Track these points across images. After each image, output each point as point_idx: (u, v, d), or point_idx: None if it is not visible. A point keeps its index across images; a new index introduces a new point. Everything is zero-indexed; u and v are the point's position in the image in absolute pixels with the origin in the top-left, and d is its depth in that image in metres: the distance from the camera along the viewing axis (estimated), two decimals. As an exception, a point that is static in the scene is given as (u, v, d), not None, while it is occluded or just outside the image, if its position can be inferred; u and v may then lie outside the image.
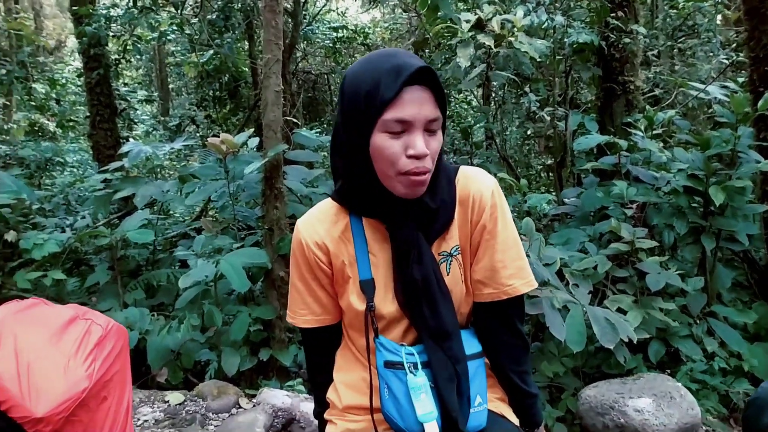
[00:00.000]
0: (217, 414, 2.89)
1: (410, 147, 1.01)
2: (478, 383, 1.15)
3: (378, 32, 10.71)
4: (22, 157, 5.75)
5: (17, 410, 1.56)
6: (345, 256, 1.16)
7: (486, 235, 1.15)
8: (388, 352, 1.13)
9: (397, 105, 1.00)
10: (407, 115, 1.00)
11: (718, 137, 3.37)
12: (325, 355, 1.29)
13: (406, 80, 0.98)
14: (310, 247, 1.17)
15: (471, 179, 1.16)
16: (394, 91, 0.99)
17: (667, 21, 5.88)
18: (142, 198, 3.99)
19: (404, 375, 1.10)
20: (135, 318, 3.46)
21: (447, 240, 1.15)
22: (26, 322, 1.75)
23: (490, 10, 3.32)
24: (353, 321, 1.19)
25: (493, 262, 1.15)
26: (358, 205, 1.14)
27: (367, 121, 1.02)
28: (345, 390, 1.22)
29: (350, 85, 1.06)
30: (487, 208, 1.13)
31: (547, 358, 3.18)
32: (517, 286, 1.15)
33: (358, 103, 1.03)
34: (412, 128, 1.01)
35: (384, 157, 1.03)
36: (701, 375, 3.05)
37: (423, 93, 1.01)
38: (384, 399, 1.12)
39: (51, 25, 13.48)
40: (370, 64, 1.05)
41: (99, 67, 6.03)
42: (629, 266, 3.24)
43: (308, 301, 1.22)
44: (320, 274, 1.19)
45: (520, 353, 1.20)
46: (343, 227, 1.17)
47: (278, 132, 3.66)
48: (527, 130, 7.16)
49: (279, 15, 3.59)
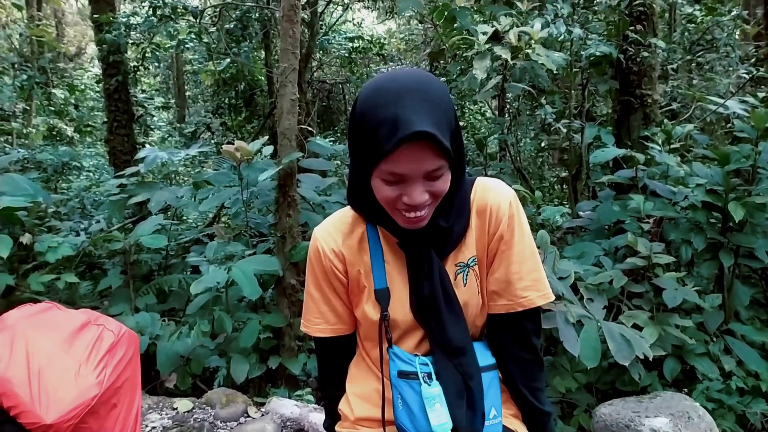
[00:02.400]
0: (225, 422, 2.88)
1: (405, 195, 0.99)
2: (492, 396, 1.14)
3: (393, 43, 10.76)
4: (39, 160, 5.82)
5: (27, 416, 1.56)
6: (361, 265, 1.15)
7: (503, 246, 1.13)
8: (401, 361, 1.11)
9: (393, 160, 0.95)
10: (402, 170, 0.96)
11: (738, 152, 3.32)
12: (338, 366, 1.28)
13: (400, 140, 0.92)
14: (327, 255, 1.16)
15: (489, 190, 1.14)
16: (388, 147, 0.93)
17: (685, 35, 5.83)
18: (156, 203, 4.01)
19: (418, 385, 1.09)
20: (146, 323, 3.47)
21: (463, 251, 1.14)
22: (38, 327, 1.75)
23: (507, 22, 3.31)
24: (368, 331, 1.18)
25: (508, 274, 1.13)
26: (371, 214, 1.14)
27: (367, 160, 1.00)
28: (357, 401, 1.21)
29: (361, 113, 1.00)
30: (505, 219, 1.11)
31: (560, 374, 3.13)
32: (532, 298, 1.12)
33: (362, 138, 1.00)
34: (408, 179, 0.98)
35: (380, 197, 1.03)
36: (717, 394, 2.98)
37: (423, 148, 0.95)
38: (398, 410, 1.10)
39: (72, 33, 13.71)
40: (378, 99, 0.97)
41: (118, 73, 6.12)
42: (645, 281, 3.18)
43: (323, 310, 1.21)
44: (336, 283, 1.18)
45: (534, 369, 1.17)
46: (359, 236, 1.16)
47: (293, 140, 3.67)
48: (541, 142, 7.12)
49: (296, 25, 3.61)
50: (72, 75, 10.27)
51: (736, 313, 3.40)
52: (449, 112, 0.99)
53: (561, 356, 3.20)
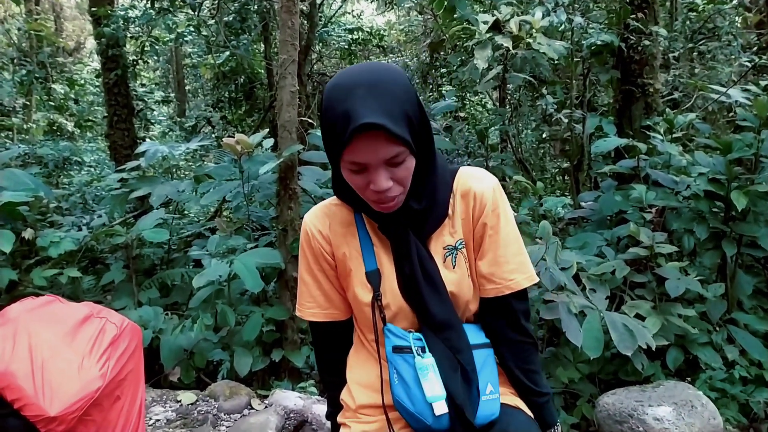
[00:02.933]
0: (229, 414, 2.89)
1: (372, 183, 1.04)
2: (488, 372, 1.16)
3: (393, 34, 10.71)
4: (40, 155, 5.82)
5: (30, 409, 1.56)
6: (347, 249, 1.20)
7: (489, 231, 1.18)
8: (396, 337, 1.15)
9: (352, 150, 1.01)
10: (361, 158, 1.02)
11: (741, 141, 3.31)
12: (335, 353, 1.31)
13: (353, 132, 0.97)
14: (315, 237, 1.22)
15: (472, 177, 1.20)
16: (345, 139, 0.99)
17: (687, 24, 5.79)
18: (157, 197, 4.01)
19: (412, 358, 1.12)
20: (149, 317, 3.48)
21: (451, 234, 1.19)
22: (41, 320, 1.75)
23: (507, 11, 3.29)
24: (361, 314, 1.21)
25: (495, 258, 1.18)
26: (351, 201, 1.19)
27: (333, 154, 1.06)
28: (358, 389, 1.23)
29: (323, 112, 1.06)
30: (489, 205, 1.17)
31: (562, 364, 3.13)
32: (518, 280, 1.18)
33: (326, 135, 1.06)
34: (370, 168, 1.03)
35: (352, 185, 1.08)
36: (720, 383, 2.99)
37: (376, 137, 0.99)
38: (393, 385, 1.13)
39: (70, 27, 13.66)
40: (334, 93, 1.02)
41: (117, 67, 6.09)
42: (648, 271, 3.18)
43: (315, 293, 1.25)
44: (325, 265, 1.23)
45: (528, 351, 1.21)
46: (347, 221, 1.21)
47: (293, 132, 3.65)
48: (543, 133, 7.10)
49: (295, 16, 3.58)
50: (71, 70, 10.24)
51: (738, 302, 3.39)
52: (404, 101, 1.02)
53: (563, 347, 3.20)
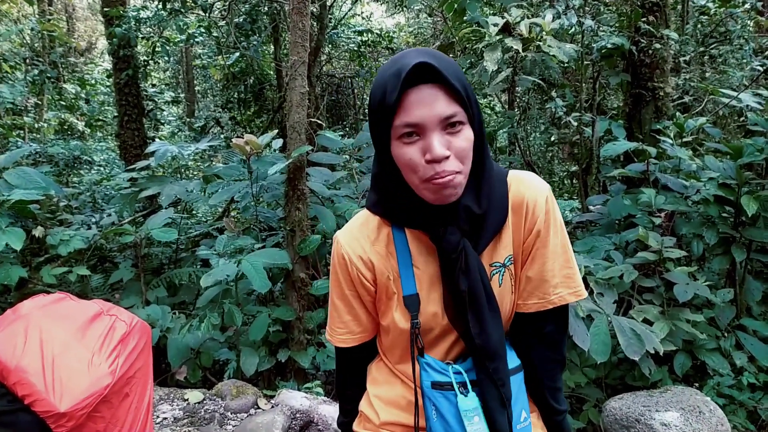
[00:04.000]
0: (235, 414, 2.90)
1: (427, 151, 0.93)
2: (522, 399, 1.10)
3: (403, 36, 10.72)
4: (51, 154, 5.87)
5: (41, 404, 1.58)
6: (390, 271, 1.09)
7: (538, 243, 1.07)
8: (435, 372, 1.06)
9: (403, 109, 0.93)
10: (415, 118, 0.92)
11: (752, 146, 3.29)
12: (359, 372, 1.25)
13: (404, 82, 0.91)
14: (354, 263, 1.10)
15: (524, 184, 1.08)
16: (395, 96, 0.91)
17: (698, 27, 5.76)
18: (166, 197, 4.03)
19: (454, 396, 1.04)
20: (156, 315, 3.50)
21: (500, 249, 1.08)
22: (52, 317, 1.77)
23: (518, 14, 3.28)
24: (396, 339, 1.13)
25: (542, 272, 1.07)
26: (398, 215, 1.07)
27: (383, 130, 0.97)
28: (382, 406, 1.17)
29: (372, 93, 1.00)
30: (542, 215, 1.06)
31: (569, 368, 3.12)
32: (563, 295, 1.07)
33: (375, 113, 0.98)
34: (425, 131, 0.93)
35: (404, 165, 0.97)
36: (728, 390, 2.97)
37: (431, 90, 0.92)
38: (432, 421, 1.06)
39: (82, 27, 13.78)
40: (381, 70, 0.98)
41: (128, 68, 6.14)
42: (656, 276, 3.17)
43: (346, 319, 1.16)
44: (362, 291, 1.13)
45: (556, 369, 1.14)
46: (386, 240, 1.10)
47: (302, 133, 3.67)
48: (551, 136, 7.08)
49: (306, 18, 3.60)
50: (83, 69, 10.33)
51: (747, 308, 3.37)
52: (458, 70, 0.97)
53: (570, 351, 3.19)
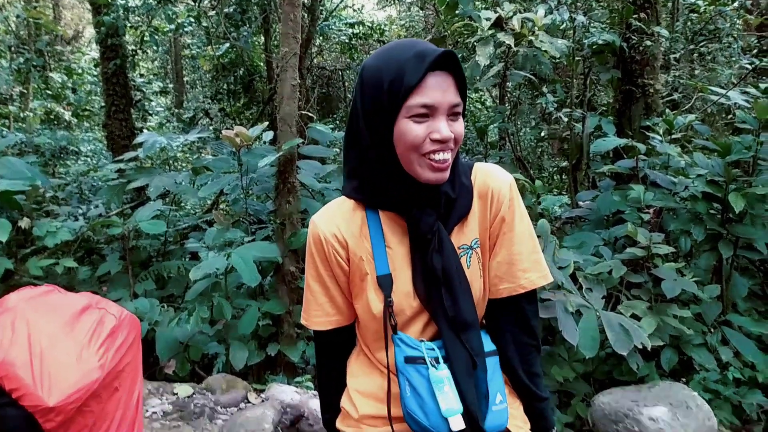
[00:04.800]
0: (225, 408, 2.89)
1: (434, 131, 1.02)
2: (497, 381, 1.13)
3: (394, 29, 10.68)
4: (37, 144, 5.79)
5: (29, 399, 1.56)
6: (363, 252, 1.13)
7: (504, 228, 1.15)
8: (407, 347, 1.10)
9: (422, 90, 1.00)
10: (431, 100, 1.01)
11: (739, 143, 3.32)
12: (338, 359, 1.26)
13: (430, 65, 0.99)
14: (329, 241, 1.14)
15: (489, 174, 1.16)
16: (418, 76, 0.99)
17: (688, 25, 5.80)
18: (155, 189, 3.99)
19: (426, 369, 1.07)
20: (145, 308, 3.47)
21: (466, 233, 1.14)
22: (40, 310, 1.74)
23: (510, 9, 3.28)
24: (369, 321, 1.15)
25: (510, 255, 1.14)
26: (375, 197, 1.13)
27: (391, 109, 1.03)
28: (361, 398, 1.19)
29: (371, 75, 1.05)
30: (506, 201, 1.14)
31: (558, 363, 3.14)
32: (533, 279, 1.14)
33: (381, 92, 1.03)
34: (436, 113, 1.02)
35: (408, 141, 1.03)
36: (714, 385, 3.01)
37: (446, 78, 1.02)
38: (405, 398, 1.08)
39: (69, 15, 13.56)
40: (392, 52, 1.05)
41: (116, 57, 6.06)
42: (644, 272, 3.19)
43: (322, 301, 1.19)
44: (338, 271, 1.16)
45: (533, 354, 1.18)
46: (359, 222, 1.14)
47: (293, 126, 3.65)
48: (541, 132, 7.10)
49: (298, 9, 3.57)
50: (69, 58, 10.18)
51: (734, 304, 3.41)
52: None
53: (559, 346, 3.21)
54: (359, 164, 1.13)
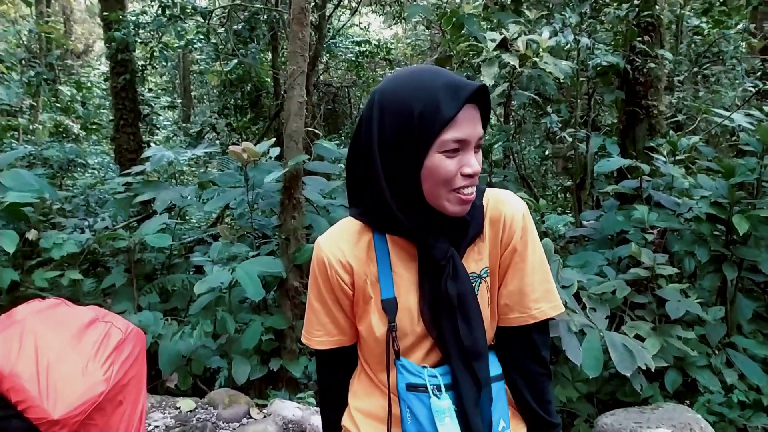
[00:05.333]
0: (227, 423, 2.88)
1: (466, 166, 1.01)
2: (500, 407, 1.12)
3: (400, 48, 10.79)
4: (46, 157, 5.84)
5: (34, 411, 1.56)
6: (369, 275, 1.11)
7: (516, 258, 1.12)
8: (409, 374, 1.08)
9: (456, 124, 0.98)
10: (465, 135, 0.99)
11: (744, 165, 3.34)
12: (340, 378, 1.26)
13: (467, 99, 0.98)
14: (333, 266, 1.11)
15: (502, 201, 1.13)
16: (455, 110, 0.97)
17: (692, 47, 5.85)
18: (162, 202, 4.02)
19: (427, 398, 1.06)
20: (148, 321, 3.48)
21: (477, 261, 1.12)
22: (47, 322, 1.76)
23: (515, 30, 3.32)
24: (372, 344, 1.14)
25: (522, 286, 1.12)
26: (386, 225, 1.10)
27: (422, 142, 0.99)
28: (362, 419, 1.18)
29: (395, 103, 1.01)
30: (518, 231, 1.11)
31: (561, 383, 3.13)
32: (544, 309, 1.11)
33: (410, 124, 0.99)
34: (467, 147, 1.01)
35: (439, 176, 1.01)
36: (719, 407, 2.99)
37: (475, 112, 1.01)
38: (406, 424, 1.07)
39: (80, 30, 13.77)
40: (417, 81, 1.01)
41: (125, 72, 6.14)
42: (648, 292, 3.19)
43: (324, 321, 1.17)
44: (341, 295, 1.14)
45: (544, 382, 1.16)
46: (366, 246, 1.12)
47: (299, 142, 3.68)
48: (545, 151, 7.13)
49: (306, 28, 3.63)
50: (79, 72, 10.32)
51: (738, 326, 3.40)
52: None
53: (562, 365, 3.20)
54: (366, 192, 1.09)
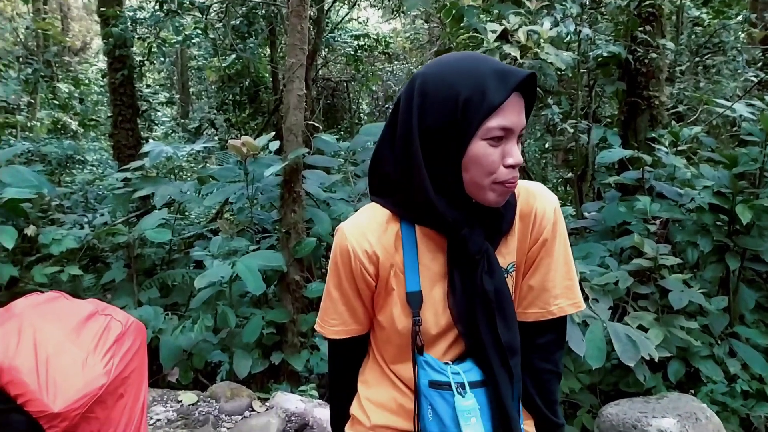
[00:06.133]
0: (230, 416, 2.87)
1: (509, 156, 0.97)
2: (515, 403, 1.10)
3: (399, 41, 10.76)
4: (44, 153, 5.83)
5: (34, 404, 1.55)
6: (394, 266, 1.08)
7: (543, 253, 1.09)
8: (433, 371, 1.05)
9: (503, 111, 0.95)
10: (510, 123, 0.96)
11: (746, 155, 3.32)
12: (352, 367, 1.23)
13: (515, 86, 0.95)
14: (358, 256, 1.07)
15: (534, 194, 1.10)
16: (503, 97, 0.94)
17: (692, 38, 5.82)
18: (161, 197, 4.01)
19: (451, 396, 1.03)
20: (149, 316, 3.47)
21: (505, 256, 1.09)
22: (46, 316, 1.74)
23: (516, 21, 3.30)
24: (392, 336, 1.11)
25: (544, 281, 1.09)
26: (419, 215, 1.05)
27: (467, 128, 0.96)
28: (373, 408, 1.15)
29: (440, 88, 0.98)
30: (549, 225, 1.08)
31: (563, 374, 3.12)
32: (563, 306, 1.09)
33: (454, 110, 0.96)
34: (511, 136, 0.98)
35: (482, 165, 0.98)
36: (722, 397, 2.98)
37: (520, 100, 0.98)
38: (426, 421, 1.04)
39: (77, 27, 13.71)
40: (465, 66, 0.98)
41: (123, 68, 6.12)
42: (651, 283, 3.18)
43: (341, 310, 1.14)
44: (362, 286, 1.11)
45: (553, 382, 1.13)
46: (393, 235, 1.08)
47: (299, 136, 3.66)
48: (546, 143, 7.12)
49: (305, 20, 3.60)
50: (77, 69, 10.28)
51: (741, 316, 3.39)
52: None
53: (565, 356, 3.19)
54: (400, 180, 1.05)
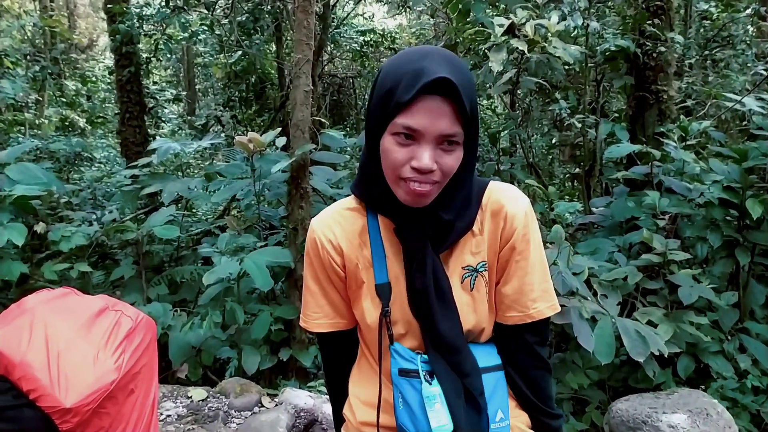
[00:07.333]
0: (239, 412, 2.88)
1: (415, 158, 0.95)
2: (499, 397, 1.10)
3: (405, 37, 10.73)
4: (52, 151, 5.86)
5: (46, 400, 1.56)
6: (360, 260, 1.11)
7: (516, 257, 1.10)
8: (402, 359, 1.08)
9: (410, 111, 0.93)
10: (417, 124, 0.93)
11: (756, 149, 3.29)
12: (343, 364, 1.25)
13: (422, 88, 0.91)
14: (325, 247, 1.11)
15: (506, 196, 1.11)
16: (408, 97, 0.92)
17: (701, 32, 5.77)
18: (169, 194, 4.02)
19: (419, 383, 1.05)
20: (158, 313, 3.48)
21: (474, 254, 1.10)
22: (57, 311, 1.75)
23: (523, 15, 3.28)
24: (367, 330, 1.14)
25: (521, 284, 1.10)
26: (373, 198, 1.09)
27: (381, 119, 0.98)
28: (359, 405, 1.18)
29: (381, 78, 1.00)
30: (520, 228, 1.09)
31: (572, 370, 3.11)
32: (541, 309, 1.10)
33: (379, 99, 0.98)
34: (422, 139, 0.94)
35: (388, 160, 0.98)
36: (732, 393, 2.97)
37: (442, 105, 0.93)
38: (398, 409, 1.07)
39: (84, 24, 13.76)
40: (401, 60, 0.99)
41: (130, 65, 6.14)
42: (660, 278, 3.16)
43: (321, 303, 1.17)
44: (334, 276, 1.14)
45: (542, 377, 1.15)
46: (359, 228, 1.12)
47: (306, 132, 3.66)
48: (552, 138, 7.08)
49: (311, 16, 3.60)
50: (84, 66, 10.32)
51: (751, 311, 3.37)
52: (472, 88, 0.98)
53: (573, 352, 3.18)
54: (365, 160, 1.09)
